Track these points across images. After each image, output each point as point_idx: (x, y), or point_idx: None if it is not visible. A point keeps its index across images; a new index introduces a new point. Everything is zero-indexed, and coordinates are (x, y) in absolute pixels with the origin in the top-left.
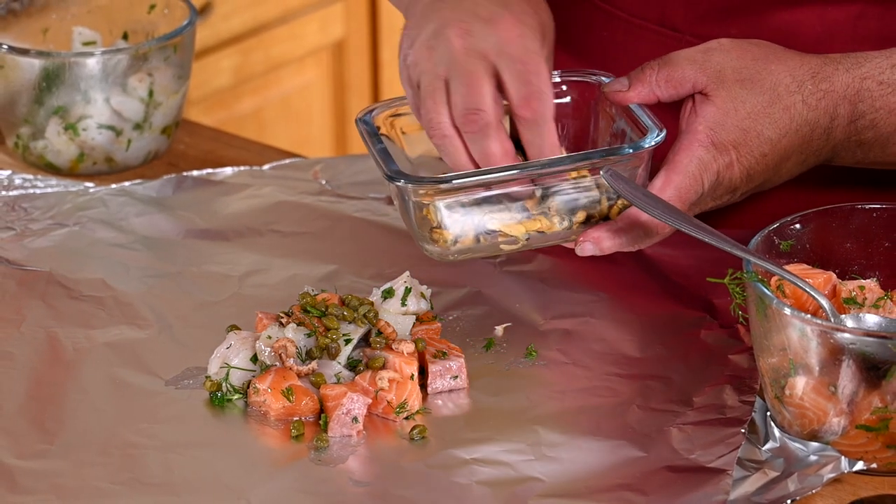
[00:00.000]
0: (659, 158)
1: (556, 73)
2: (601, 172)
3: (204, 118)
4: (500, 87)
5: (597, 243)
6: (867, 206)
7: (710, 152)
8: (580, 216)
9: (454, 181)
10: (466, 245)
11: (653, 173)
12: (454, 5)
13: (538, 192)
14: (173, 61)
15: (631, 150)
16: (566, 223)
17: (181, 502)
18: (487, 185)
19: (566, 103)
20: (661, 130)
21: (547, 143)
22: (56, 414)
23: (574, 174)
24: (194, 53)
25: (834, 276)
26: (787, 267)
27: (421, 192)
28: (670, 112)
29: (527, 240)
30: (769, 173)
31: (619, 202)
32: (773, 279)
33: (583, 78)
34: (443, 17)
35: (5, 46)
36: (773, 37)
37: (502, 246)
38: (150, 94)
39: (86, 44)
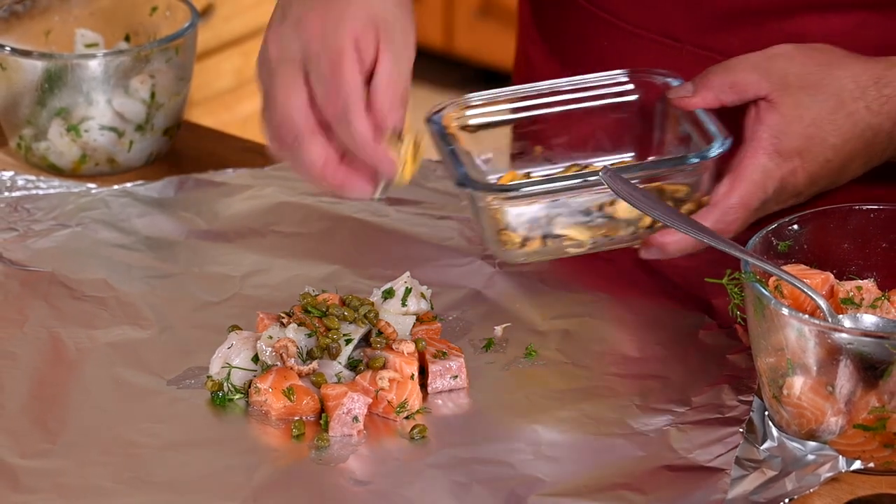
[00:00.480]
0: (722, 161)
1: (623, 71)
2: (599, 173)
3: (206, 119)
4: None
5: (662, 248)
6: (864, 207)
7: (775, 160)
8: (645, 220)
9: (522, 189)
10: (533, 248)
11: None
12: (284, 4)
13: (604, 199)
14: (175, 63)
15: (697, 160)
16: (631, 228)
17: (183, 501)
18: (556, 193)
19: (633, 102)
20: (726, 139)
21: (358, 135)
22: (58, 413)
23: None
24: (196, 55)
25: (831, 276)
26: (784, 267)
27: (489, 198)
28: (730, 112)
29: (593, 243)
30: (833, 177)
31: (685, 207)
32: (771, 280)
33: (649, 78)
34: (273, 22)
35: (8, 48)
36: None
37: (569, 249)
38: (152, 95)
39: (88, 46)
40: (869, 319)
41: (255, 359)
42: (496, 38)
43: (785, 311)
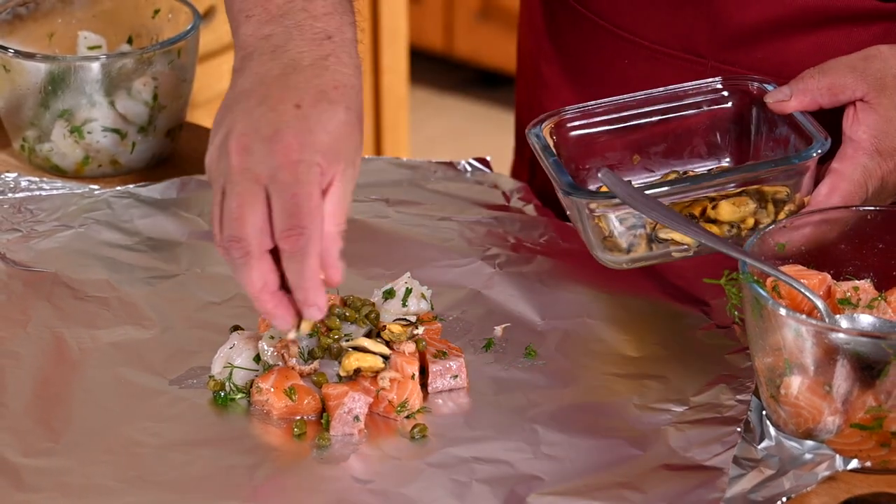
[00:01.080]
0: (820, 164)
1: (718, 79)
2: (598, 174)
3: (207, 121)
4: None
5: None
6: (861, 209)
7: (875, 159)
8: (749, 222)
9: (632, 200)
10: (640, 253)
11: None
12: (247, 109)
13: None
14: (177, 65)
15: (797, 161)
16: (735, 230)
17: (185, 500)
18: (664, 201)
19: (728, 108)
20: (825, 140)
21: (306, 276)
22: (61, 413)
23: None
24: (198, 57)
25: (829, 277)
26: (782, 268)
27: (593, 205)
28: (827, 115)
29: (698, 247)
30: None
31: (786, 207)
32: (769, 280)
33: (744, 84)
34: (232, 120)
35: (11, 51)
36: (798, 59)
37: (674, 254)
38: (155, 97)
39: (91, 48)
40: (866, 320)
41: (257, 359)
42: (496, 40)
43: (782, 311)
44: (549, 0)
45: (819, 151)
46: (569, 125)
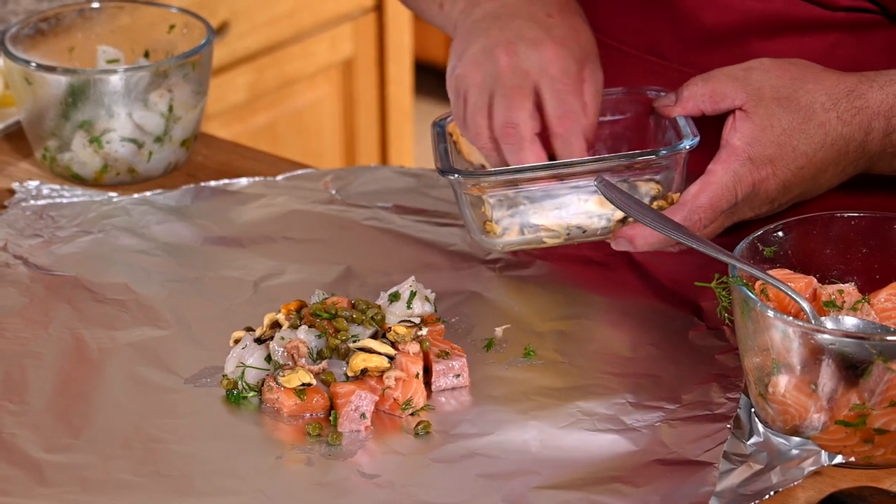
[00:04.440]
0: (699, 167)
1: (620, 89)
2: (594, 182)
3: (221, 131)
4: (539, 104)
5: (631, 240)
6: (846, 215)
7: (746, 166)
8: (618, 214)
9: (492, 176)
10: (513, 237)
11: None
12: (502, 26)
13: (580, 191)
14: (192, 78)
15: (665, 152)
16: (604, 221)
17: (199, 494)
18: (525, 181)
19: (628, 118)
20: (695, 137)
21: (577, 155)
22: (82, 410)
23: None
24: (212, 70)
25: (814, 280)
26: (770, 272)
27: (468, 185)
28: (713, 122)
29: (568, 234)
30: (807, 184)
31: (657, 203)
32: (758, 283)
33: (643, 94)
34: (491, 37)
35: (34, 64)
36: None
37: (546, 239)
38: (170, 108)
39: (109, 62)
40: (850, 321)
41: (268, 358)
42: None
43: (770, 313)
44: None
45: (684, 147)
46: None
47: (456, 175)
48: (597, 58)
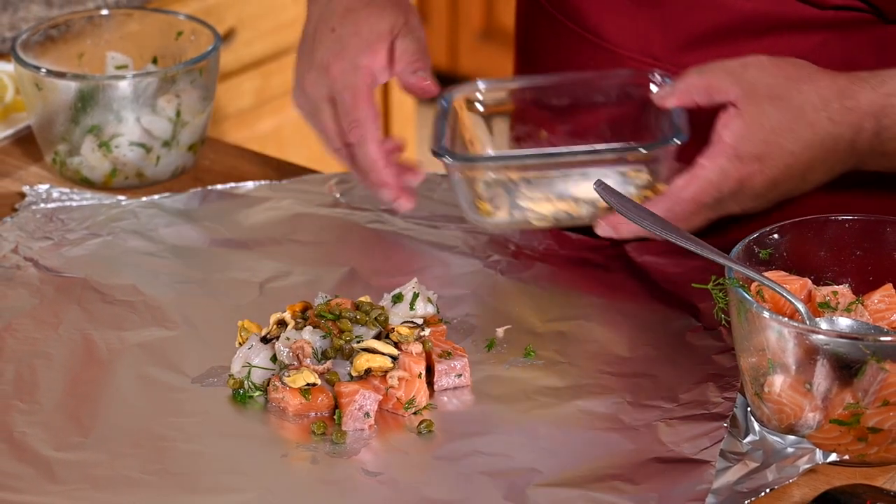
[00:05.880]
0: (689, 160)
1: (627, 71)
2: (593, 185)
3: (227, 136)
4: None
5: (615, 227)
6: (840, 218)
7: (734, 162)
8: (603, 202)
9: (482, 162)
10: (502, 218)
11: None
12: (309, 49)
13: (566, 177)
14: (199, 84)
15: (644, 150)
16: (590, 207)
17: (206, 491)
18: (515, 169)
19: (635, 98)
20: (684, 134)
21: (369, 160)
22: (91, 409)
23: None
24: (218, 76)
25: (809, 282)
26: (766, 274)
27: (457, 167)
28: (712, 118)
29: (555, 219)
30: (795, 181)
31: (642, 192)
32: (754, 285)
33: (651, 77)
34: (300, 66)
35: (44, 70)
36: None
37: (534, 222)
38: (178, 114)
39: (118, 67)
40: (844, 322)
41: (274, 358)
42: (498, 59)
43: (766, 314)
44: (530, 8)
45: (672, 144)
46: (482, 98)
47: (448, 158)
48: (412, 19)
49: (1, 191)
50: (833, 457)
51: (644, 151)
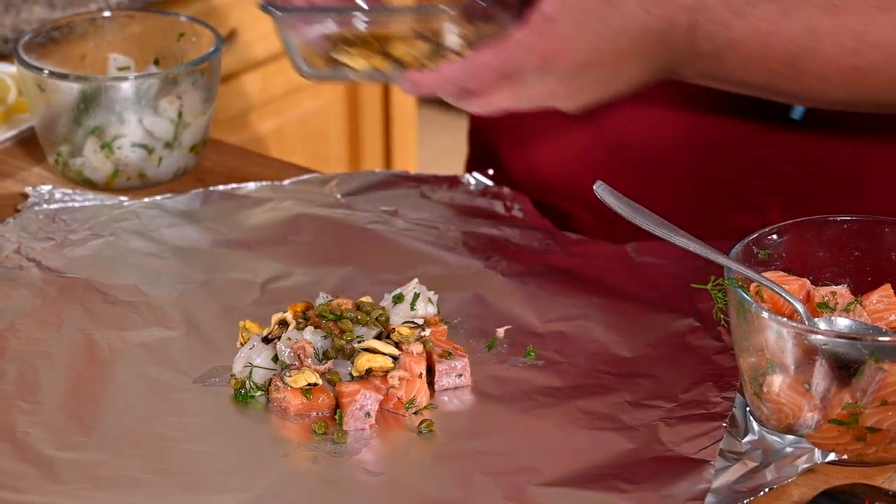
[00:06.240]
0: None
1: None
2: (594, 187)
3: (229, 137)
4: None
5: (417, 84)
6: (839, 218)
7: (543, 38)
8: (408, 60)
9: (299, 13)
10: (323, 70)
11: None
12: None
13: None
14: (201, 85)
15: (445, 8)
16: (399, 66)
17: (208, 490)
18: (337, 22)
19: None
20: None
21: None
22: (93, 409)
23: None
24: (220, 77)
25: (808, 282)
26: (764, 274)
27: (280, 18)
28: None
29: (368, 74)
30: (606, 69)
31: (448, 53)
32: (753, 285)
33: None
34: None
35: (46, 71)
36: None
37: (350, 75)
38: (180, 115)
39: (120, 69)
40: (843, 322)
41: (275, 358)
42: None
43: (765, 314)
44: None
45: (477, 4)
46: None
47: (274, 10)
48: None
49: (4, 192)
50: (832, 456)
51: (445, 9)
